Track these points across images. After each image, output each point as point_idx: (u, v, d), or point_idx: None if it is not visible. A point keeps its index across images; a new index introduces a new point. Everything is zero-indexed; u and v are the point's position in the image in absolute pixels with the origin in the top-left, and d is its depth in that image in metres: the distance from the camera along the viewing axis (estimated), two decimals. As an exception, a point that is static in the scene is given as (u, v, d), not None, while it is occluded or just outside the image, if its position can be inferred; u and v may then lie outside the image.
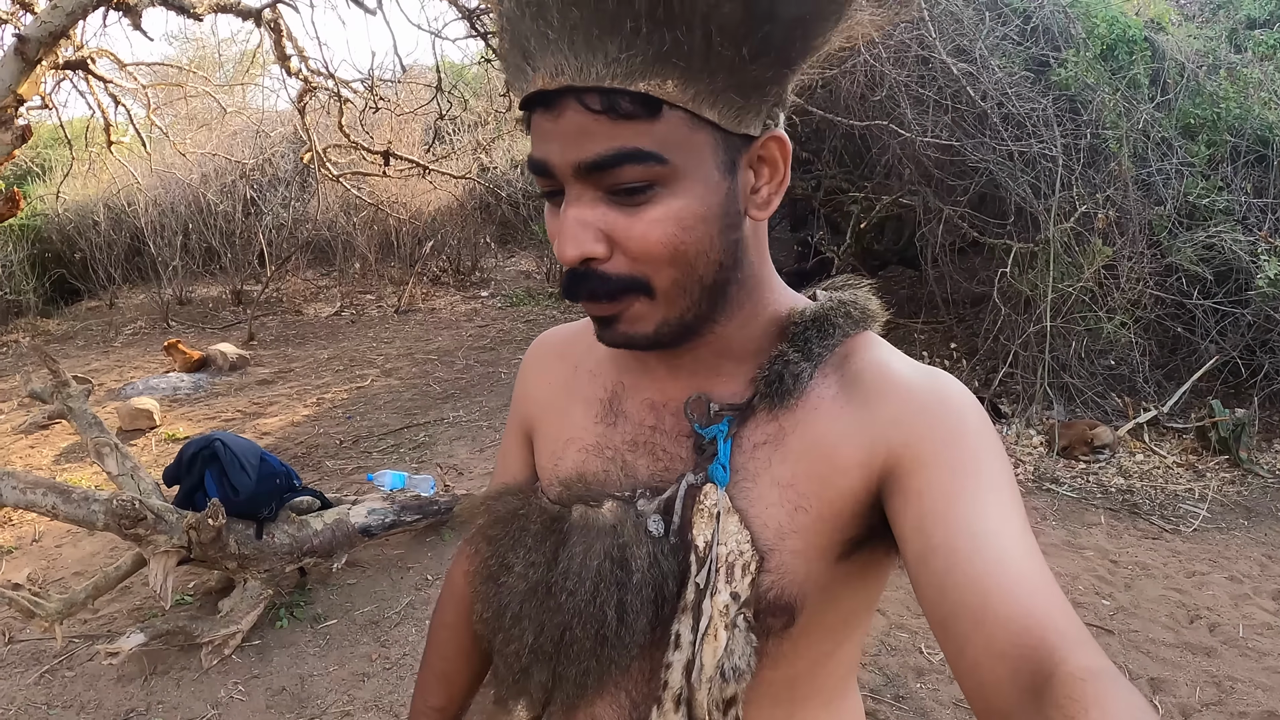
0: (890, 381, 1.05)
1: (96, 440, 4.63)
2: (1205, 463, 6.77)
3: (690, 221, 0.95)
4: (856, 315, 1.14)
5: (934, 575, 0.89)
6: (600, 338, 1.05)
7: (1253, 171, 7.78)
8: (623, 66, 0.89)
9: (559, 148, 0.93)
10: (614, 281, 0.97)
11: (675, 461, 1.12)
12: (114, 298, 13.44)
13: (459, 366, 9.80)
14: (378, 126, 12.11)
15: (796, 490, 1.04)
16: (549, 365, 1.36)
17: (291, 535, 4.55)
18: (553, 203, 0.99)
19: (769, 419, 1.08)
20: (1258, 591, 4.94)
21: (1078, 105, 7.66)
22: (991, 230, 7.90)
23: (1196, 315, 7.56)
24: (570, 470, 1.20)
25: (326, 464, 6.81)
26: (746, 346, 1.11)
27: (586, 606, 1.05)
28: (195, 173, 13.25)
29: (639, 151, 0.91)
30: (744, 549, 1.03)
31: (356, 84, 9.04)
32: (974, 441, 0.98)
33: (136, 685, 4.06)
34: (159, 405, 8.15)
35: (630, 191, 0.93)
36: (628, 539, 1.06)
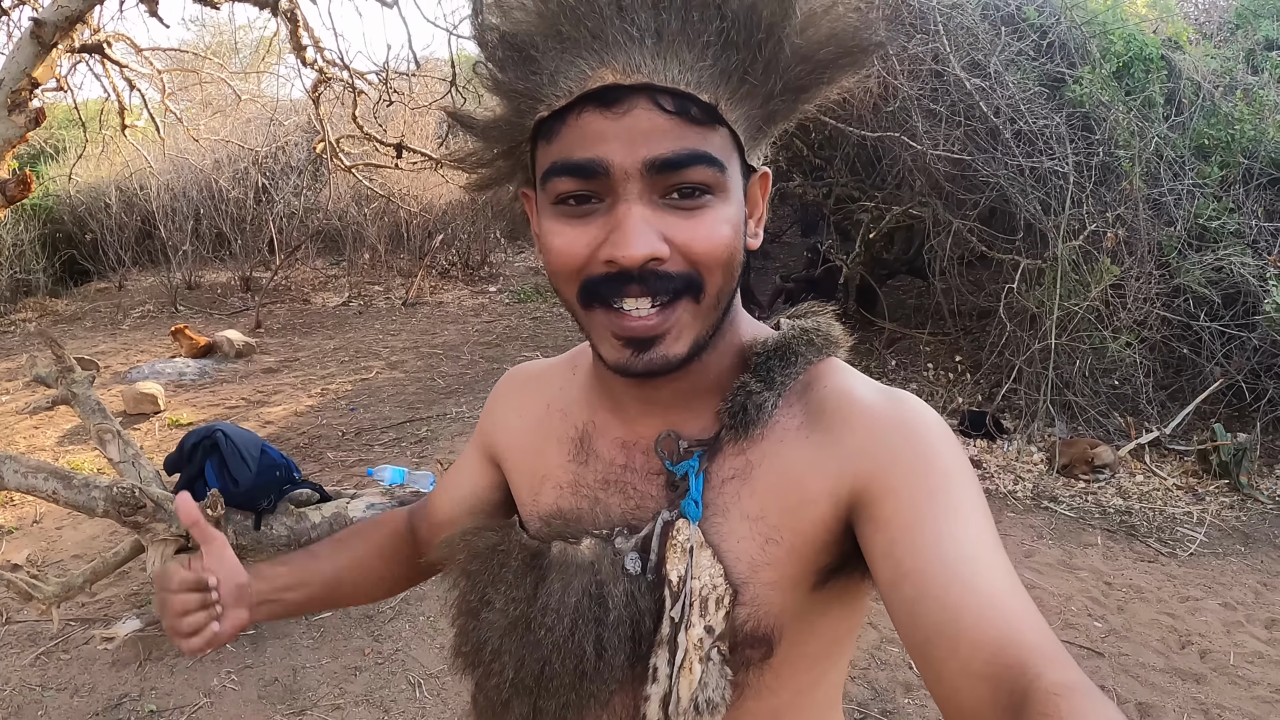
0: (854, 408, 1.06)
1: (99, 426, 4.64)
2: (1205, 486, 6.74)
3: (737, 229, 0.99)
4: (819, 342, 1.15)
5: (906, 601, 0.89)
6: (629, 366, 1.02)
7: (1265, 194, 7.76)
8: (694, 75, 0.93)
9: (623, 146, 0.93)
10: (675, 279, 0.97)
11: (646, 499, 1.13)
12: (123, 280, 13.50)
13: (464, 361, 9.84)
14: (391, 119, 12.12)
15: (767, 523, 1.05)
16: (520, 401, 1.37)
17: (290, 527, 4.57)
18: (575, 212, 0.98)
19: (736, 452, 1.09)
20: (1251, 619, 4.92)
21: (1091, 122, 7.65)
22: (1000, 245, 7.90)
23: (1203, 337, 7.53)
24: (548, 507, 1.21)
25: (328, 455, 6.83)
26: (716, 378, 1.12)
27: (565, 642, 1.06)
28: (208, 158, 13.32)
29: (708, 155, 0.94)
30: (717, 583, 1.04)
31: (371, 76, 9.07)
32: (941, 464, 0.99)
33: (131, 670, 4.10)
34: (164, 390, 8.20)
35: (688, 195, 0.95)
36: (605, 576, 1.07)
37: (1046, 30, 7.99)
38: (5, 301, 12.65)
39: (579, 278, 1.00)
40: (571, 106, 0.95)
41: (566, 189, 0.97)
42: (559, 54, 0.95)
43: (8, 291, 12.75)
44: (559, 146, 0.97)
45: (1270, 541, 5.94)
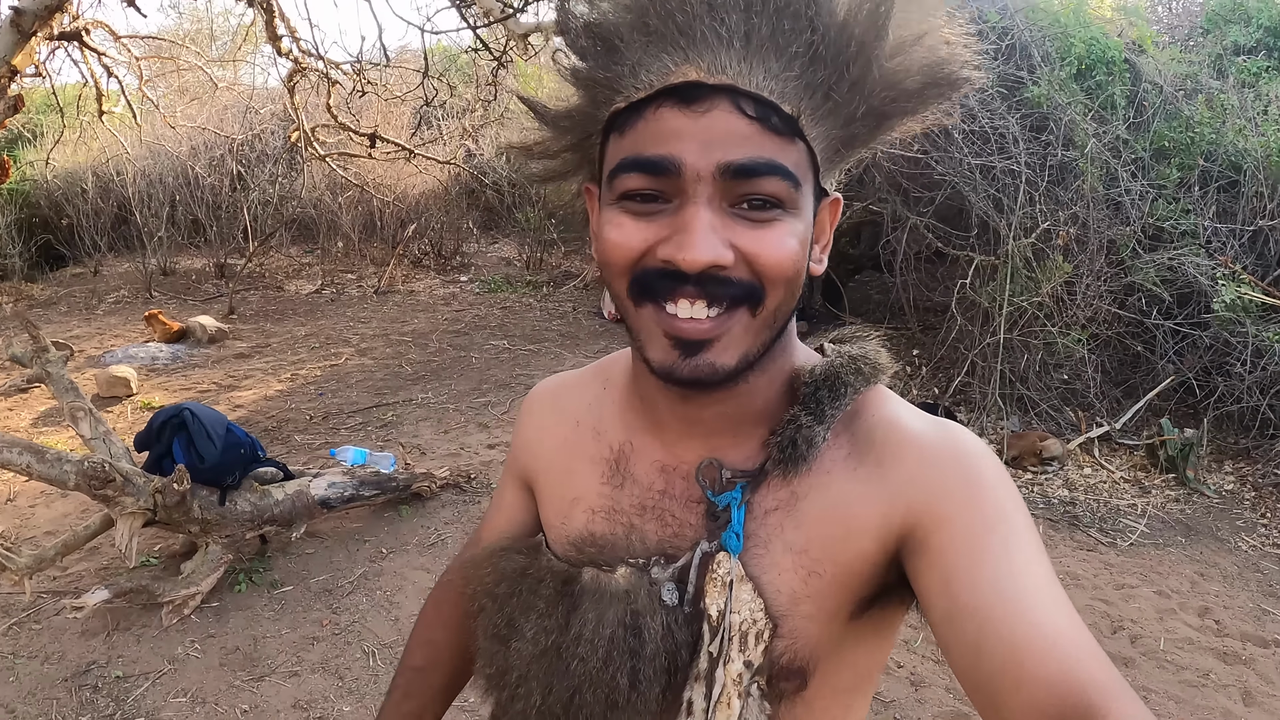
0: (903, 439, 1.04)
1: (72, 405, 4.77)
2: (1151, 479, 6.88)
3: (804, 248, 0.96)
4: (867, 371, 1.10)
5: (966, 638, 0.87)
6: (674, 370, 0.97)
7: (1221, 197, 7.90)
8: (779, 84, 0.91)
9: (699, 146, 0.90)
10: (735, 286, 0.93)
11: (685, 528, 1.09)
12: (99, 265, 13.52)
13: (432, 349, 9.94)
14: (366, 109, 12.17)
15: (810, 555, 1.02)
16: (547, 418, 1.33)
17: (253, 504, 4.72)
18: (640, 209, 0.95)
19: (781, 484, 1.06)
20: (1184, 607, 5.03)
21: (1051, 123, 7.77)
22: (955, 241, 8.02)
23: (1156, 335, 7.71)
24: (579, 531, 1.17)
25: (295, 438, 6.95)
26: (764, 407, 1.09)
27: (598, 673, 1.02)
28: (184, 145, 13.35)
29: (784, 168, 0.91)
30: (757, 617, 1.02)
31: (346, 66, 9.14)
32: (993, 494, 0.97)
33: (99, 640, 4.23)
34: (136, 374, 8.30)
35: (760, 206, 0.92)
36: (641, 607, 1.04)
37: (1007, 31, 8.11)
38: (-20, 286, 12.63)
39: (631, 271, 0.97)
40: (650, 100, 0.93)
41: (634, 185, 0.94)
42: (644, 47, 0.93)
43: (-17, 276, 12.73)
44: (631, 141, 0.94)
45: (1212, 534, 6.04)
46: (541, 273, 14.02)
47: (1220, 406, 7.37)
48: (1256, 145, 7.81)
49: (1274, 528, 6.16)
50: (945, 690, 4.19)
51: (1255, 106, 8.37)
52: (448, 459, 6.51)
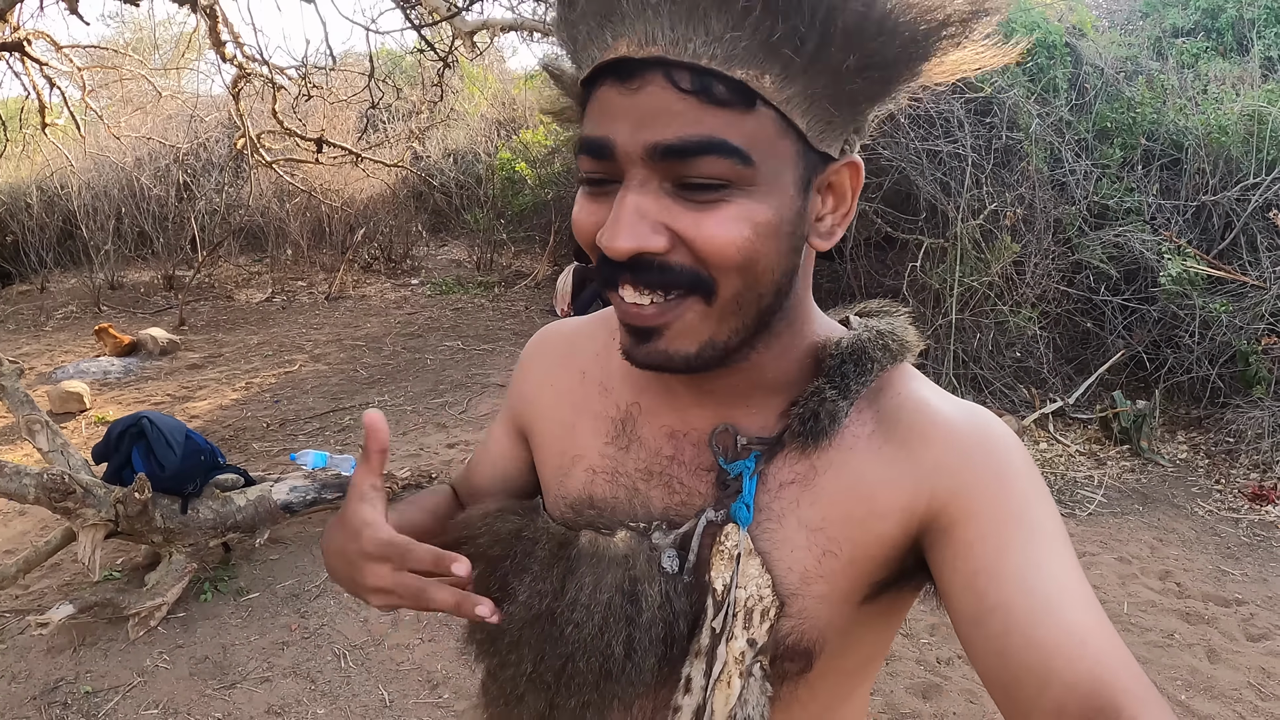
0: (932, 422, 1.00)
1: (28, 418, 4.73)
2: (1107, 451, 7.00)
3: (765, 231, 0.87)
4: (894, 347, 1.06)
5: (992, 637, 0.85)
6: (631, 355, 0.96)
7: (1164, 174, 8.06)
8: (723, 48, 0.82)
9: (630, 126, 0.84)
10: (677, 272, 0.88)
11: (693, 496, 1.05)
12: (45, 281, 13.34)
13: (386, 353, 9.91)
14: (312, 114, 12.11)
15: (826, 534, 0.99)
16: (550, 368, 1.26)
17: (215, 511, 4.69)
18: (593, 191, 0.92)
19: (799, 457, 1.02)
20: (1145, 572, 5.15)
21: (994, 106, 7.87)
22: (904, 226, 8.09)
23: (1105, 311, 7.85)
24: (577, 491, 1.14)
25: (253, 446, 6.92)
26: (780, 378, 1.04)
27: (593, 640, 0.99)
28: (129, 156, 13.18)
29: (725, 144, 0.83)
30: (764, 594, 0.98)
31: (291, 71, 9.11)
32: (1023, 487, 0.94)
33: (66, 656, 4.18)
34: (89, 389, 8.20)
35: (702, 188, 0.85)
36: (640, 573, 1.00)
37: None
38: (-75, 305, 12.45)
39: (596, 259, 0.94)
40: (594, 78, 0.89)
41: (585, 167, 0.91)
42: (593, 21, 0.88)
43: (-72, 295, 12.54)
44: (585, 119, 0.91)
45: (1169, 501, 6.17)
46: (492, 273, 13.98)
47: (1171, 378, 7.53)
48: (1197, 124, 7.97)
49: (1229, 492, 6.30)
50: (916, 663, 4.25)
51: (1195, 86, 8.57)
52: (408, 460, 6.48)
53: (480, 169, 14.46)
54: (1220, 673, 4.21)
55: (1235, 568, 5.24)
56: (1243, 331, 7.02)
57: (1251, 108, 7.73)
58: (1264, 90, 8.09)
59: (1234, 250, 7.58)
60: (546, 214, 13.48)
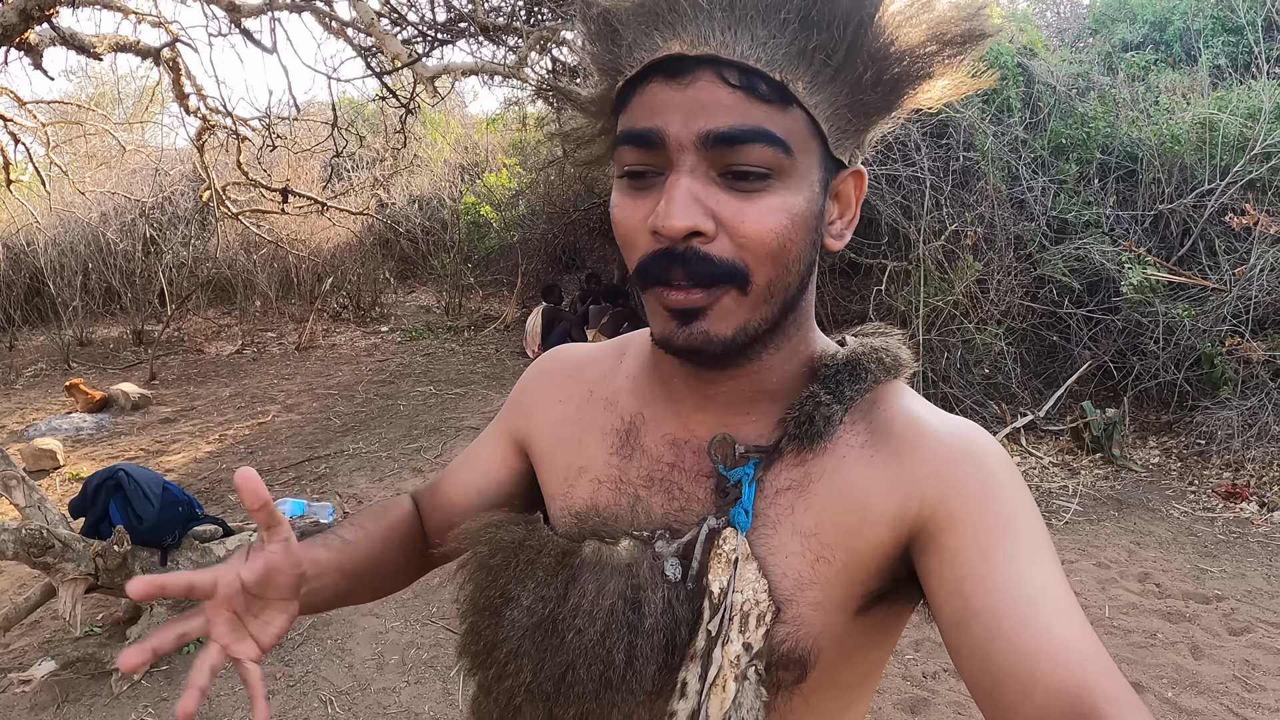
0: (922, 433, 1.03)
1: (4, 474, 4.71)
2: (1079, 461, 7.08)
3: (799, 222, 0.94)
4: (888, 363, 1.11)
5: (976, 642, 0.87)
6: (671, 339, 0.98)
7: (1120, 186, 8.19)
8: (766, 52, 0.90)
9: (681, 117, 0.91)
10: (717, 265, 0.93)
11: (693, 502, 1.08)
12: (14, 339, 13.27)
13: (359, 400, 9.91)
14: (276, 164, 12.12)
15: (820, 540, 1.01)
16: (559, 385, 1.30)
17: (195, 562, 4.67)
18: (636, 184, 0.97)
19: (794, 463, 1.05)
20: (1124, 575, 5.21)
21: (950, 129, 7.97)
22: (867, 251, 8.15)
23: (1070, 324, 7.94)
24: (583, 502, 1.16)
25: (230, 498, 6.87)
26: (781, 384, 1.08)
27: (595, 647, 1.00)
28: (95, 211, 13.19)
29: (771, 134, 0.90)
30: (760, 598, 1.00)
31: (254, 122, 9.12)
32: (1009, 497, 0.96)
33: (49, 713, 4.14)
34: (62, 446, 8.16)
35: (747, 176, 0.91)
36: (643, 581, 1.02)
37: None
38: (-107, 367, 12.34)
39: (637, 254, 0.98)
40: (642, 76, 0.95)
41: (630, 159, 0.96)
42: (639, 26, 0.95)
43: (-105, 356, 12.43)
44: (627, 117, 0.97)
45: (1144, 505, 6.25)
46: (461, 317, 14.02)
47: (1138, 385, 7.64)
48: (1150, 135, 8.09)
49: (1203, 493, 6.39)
50: (902, 679, 4.27)
51: (1146, 98, 8.70)
52: (387, 505, 6.45)
53: (445, 214, 14.55)
54: (1205, 668, 4.26)
55: (1213, 565, 5.31)
56: (1206, 334, 7.12)
57: (1202, 115, 7.85)
58: (1213, 98, 8.23)
59: (1193, 256, 7.68)
60: (513, 256, 13.55)
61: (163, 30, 7.45)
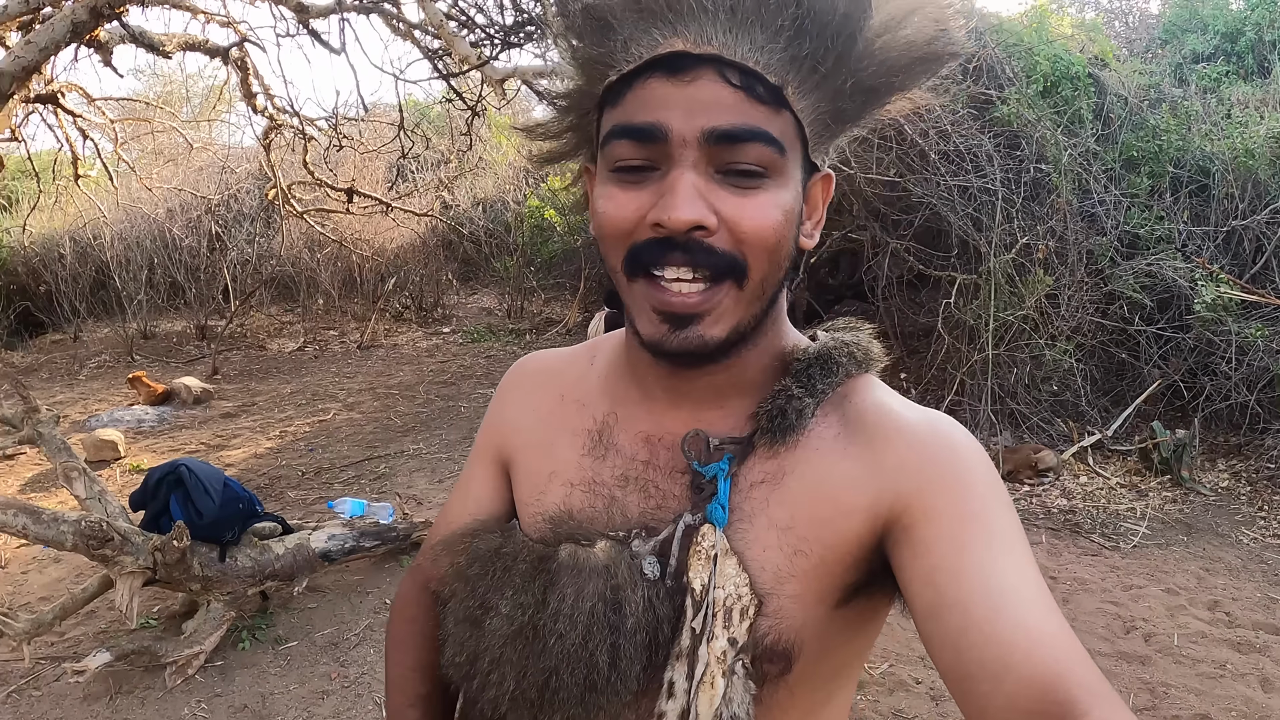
0: (895, 425, 1.04)
1: (65, 465, 4.72)
2: (1148, 483, 6.94)
3: (789, 218, 0.97)
4: (859, 356, 1.12)
5: (949, 632, 0.87)
6: (663, 343, 0.99)
7: (1193, 201, 8.02)
8: (763, 56, 0.93)
9: (683, 113, 0.92)
10: (719, 256, 0.94)
11: (669, 499, 1.08)
12: (78, 331, 13.45)
13: (420, 401, 9.91)
14: (342, 164, 12.19)
15: (796, 533, 1.01)
16: (531, 393, 1.30)
17: (254, 559, 4.67)
18: (630, 179, 0.97)
19: (768, 457, 1.05)
20: (1193, 603, 5.08)
21: (1022, 141, 7.85)
22: (936, 263, 8.07)
23: (1140, 341, 7.78)
24: (555, 506, 1.15)
25: (289, 494, 6.91)
26: (754, 379, 1.09)
27: (577, 651, 0.99)
28: (161, 207, 13.33)
29: (768, 134, 0.93)
30: (743, 592, 1.00)
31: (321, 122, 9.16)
32: (982, 490, 0.97)
33: (102, 704, 4.15)
34: (123, 437, 8.24)
35: (744, 174, 0.94)
36: (622, 581, 1.01)
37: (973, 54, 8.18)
38: (-40, 356, 12.53)
39: (626, 244, 0.98)
40: (640, 72, 0.96)
41: (624, 154, 0.97)
42: (634, 22, 0.96)
43: (-39, 345, 12.61)
44: (622, 111, 0.97)
45: (1213, 530, 6.11)
46: (523, 320, 14.02)
47: (1209, 406, 7.44)
48: (1223, 148, 7.95)
49: (1273, 519, 6.25)
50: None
51: (1218, 111, 8.52)
52: (444, 506, 6.44)
53: (509, 217, 14.53)
54: (1275, 702, 4.14)
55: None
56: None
57: (1277, 130, 7.69)
58: (1288, 111, 8.05)
59: (1266, 274, 7.55)
60: (576, 260, 13.51)
61: (231, 30, 7.50)
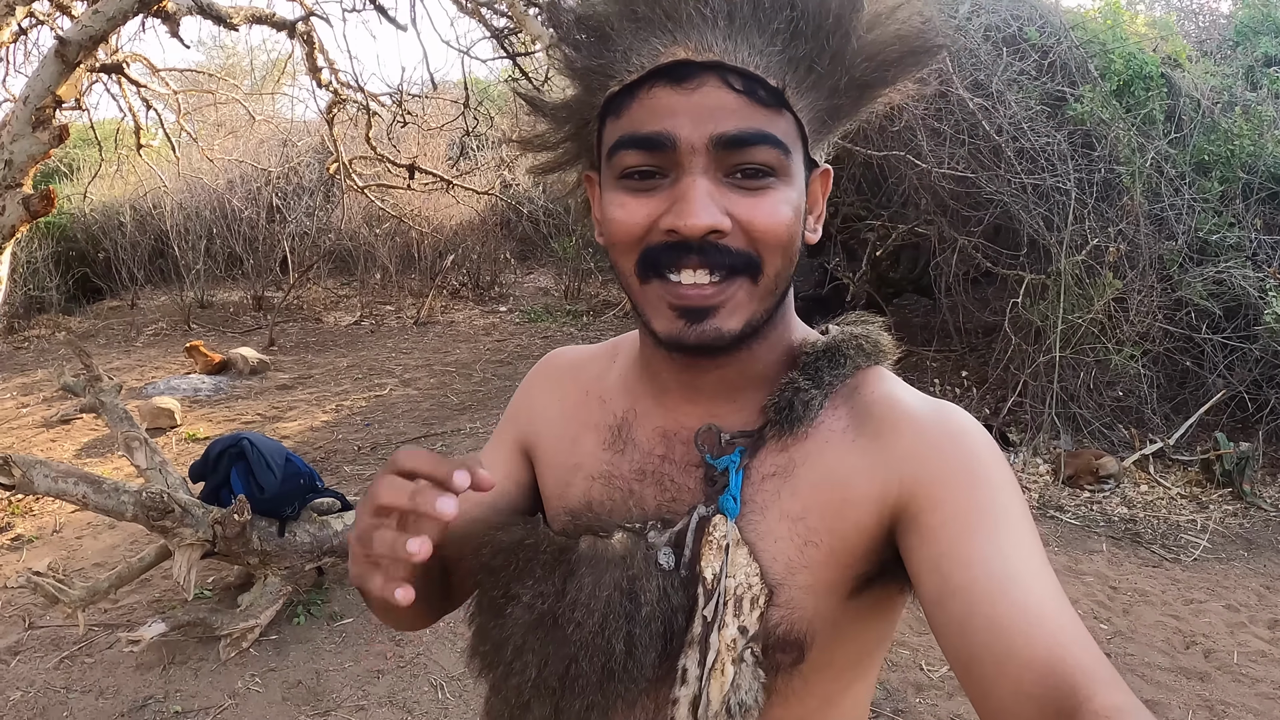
0: (902, 415, 1.06)
1: (126, 434, 4.72)
2: (1209, 495, 6.81)
3: (797, 215, 1.00)
4: (868, 349, 1.14)
5: (954, 618, 0.89)
6: (681, 337, 1.01)
7: (1265, 208, 7.84)
8: (763, 59, 0.95)
9: (691, 121, 0.94)
10: (735, 255, 0.97)
11: (683, 492, 1.11)
12: (136, 298, 13.56)
13: (476, 379, 9.89)
14: (404, 140, 12.18)
15: (807, 524, 1.03)
16: (560, 386, 1.33)
17: (313, 535, 4.66)
18: (639, 186, 0.99)
19: (778, 449, 1.07)
20: (1254, 620, 4.99)
21: (1092, 140, 7.72)
22: (1004, 261, 7.95)
23: (1205, 349, 7.61)
24: (577, 499, 1.18)
25: (344, 469, 6.91)
26: (764, 373, 1.11)
27: (594, 639, 1.01)
28: (221, 179, 13.43)
29: (773, 136, 0.96)
30: (753, 582, 1.02)
31: (385, 98, 9.16)
32: (989, 475, 0.99)
33: (155, 674, 4.16)
34: (180, 405, 8.29)
35: (752, 175, 0.96)
36: (638, 571, 1.03)
37: (1048, 50, 8.04)
38: (19, 318, 12.70)
39: (638, 248, 1.00)
40: (642, 82, 0.97)
41: (632, 163, 0.98)
42: (633, 32, 0.98)
43: (22, 309, 12.77)
44: (627, 121, 0.98)
45: (1273, 547, 6.00)
46: (580, 301, 13.97)
47: (1273, 420, 7.31)
48: (1297, 156, 7.73)
49: (1333, 540, 6.10)
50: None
51: (1293, 117, 8.29)
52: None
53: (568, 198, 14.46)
54: (1334, 727, 4.05)
55: (1346, 617, 5.06)
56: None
57: (1352, 137, 7.53)
58: (1362, 120, 7.86)
59: (1336, 287, 7.35)
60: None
61: (298, 4, 7.49)
